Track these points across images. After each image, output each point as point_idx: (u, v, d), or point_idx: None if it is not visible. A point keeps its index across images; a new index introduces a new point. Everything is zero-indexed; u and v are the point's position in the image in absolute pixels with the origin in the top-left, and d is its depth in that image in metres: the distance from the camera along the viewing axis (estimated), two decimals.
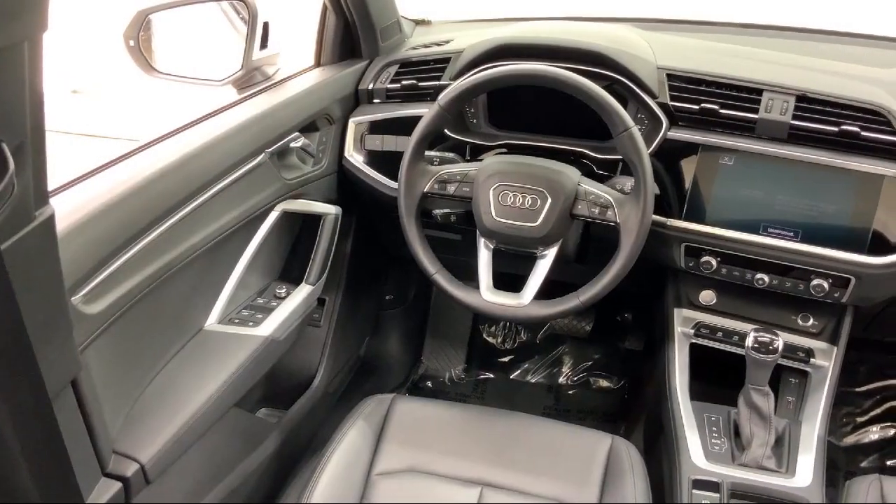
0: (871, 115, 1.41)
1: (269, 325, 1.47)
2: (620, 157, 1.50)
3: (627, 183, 1.45)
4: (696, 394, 1.60)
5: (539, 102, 1.61)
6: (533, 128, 1.63)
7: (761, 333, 1.44)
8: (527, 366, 2.46)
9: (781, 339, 1.43)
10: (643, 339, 2.35)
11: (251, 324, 1.47)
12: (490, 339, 2.52)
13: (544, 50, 1.54)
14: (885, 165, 1.39)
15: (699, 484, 1.37)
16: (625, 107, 1.50)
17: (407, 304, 2.34)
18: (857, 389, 2.27)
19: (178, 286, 1.31)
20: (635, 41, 1.62)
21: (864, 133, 1.40)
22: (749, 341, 1.44)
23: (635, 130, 1.31)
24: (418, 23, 2.00)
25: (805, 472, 1.39)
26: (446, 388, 2.41)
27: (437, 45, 1.78)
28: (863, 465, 2.15)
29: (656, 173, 1.50)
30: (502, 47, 1.55)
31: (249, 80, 1.65)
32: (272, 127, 1.49)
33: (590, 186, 1.38)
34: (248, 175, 1.42)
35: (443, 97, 1.39)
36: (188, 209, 1.26)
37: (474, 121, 1.67)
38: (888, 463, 2.15)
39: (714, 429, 1.50)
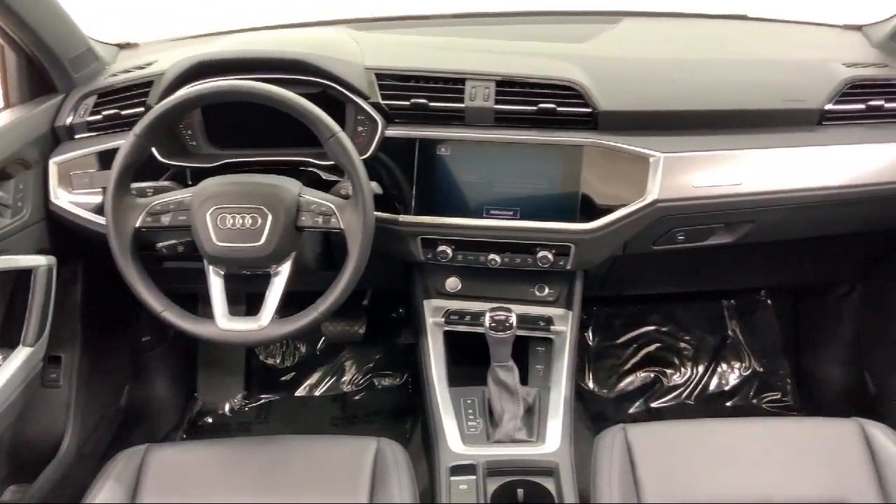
0: (564, 91, 1.49)
1: None
2: None
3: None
4: (460, 379, 1.65)
5: (259, 115, 1.56)
6: (257, 142, 1.58)
7: (496, 312, 1.49)
8: (311, 380, 2.42)
9: (514, 315, 1.49)
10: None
11: None
12: (269, 360, 2.45)
13: (247, 63, 1.49)
14: (583, 136, 1.48)
15: (456, 470, 1.40)
16: (343, 111, 1.51)
17: (169, 340, 2.22)
18: (617, 342, 2.44)
19: None
20: (344, 44, 1.62)
21: (560, 108, 1.48)
22: (486, 321, 1.49)
23: (342, 135, 1.31)
24: (123, 46, 1.88)
25: (553, 436, 1.46)
26: (227, 420, 2.31)
27: (140, 68, 1.68)
28: (630, 411, 2.32)
29: (385, 171, 1.52)
30: (202, 65, 1.49)
31: None
32: None
33: (311, 196, 1.36)
34: None
35: (137, 126, 1.31)
36: None
37: (193, 143, 1.59)
38: (652, 405, 2.34)
39: (470, 411, 1.54)
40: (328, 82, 1.49)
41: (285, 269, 1.37)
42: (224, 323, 1.35)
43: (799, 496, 1.30)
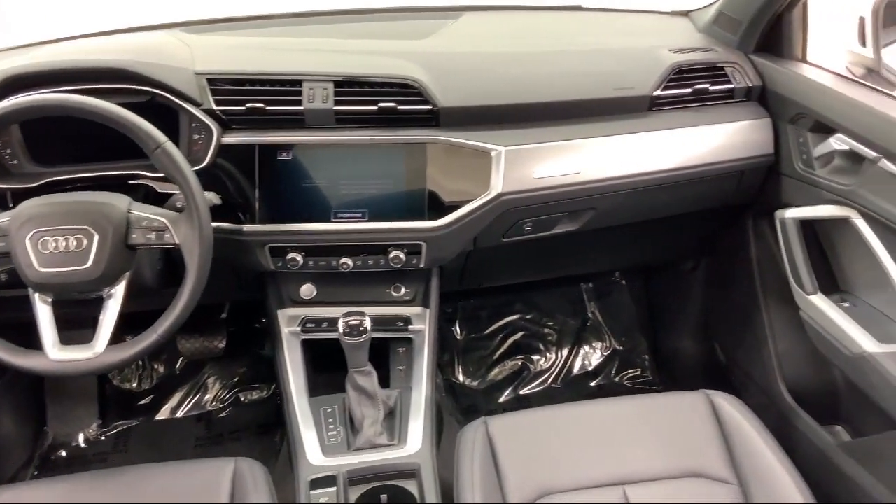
0: (404, 89, 1.48)
1: None
2: None
3: None
4: (323, 387, 1.62)
5: (85, 129, 1.46)
6: (85, 157, 1.48)
7: (350, 317, 1.46)
8: (171, 402, 2.31)
9: (369, 318, 1.47)
10: None
11: None
12: (124, 385, 2.32)
13: (65, 74, 1.40)
14: (425, 133, 1.48)
15: (316, 483, 1.37)
16: (177, 119, 1.44)
17: (10, 372, 2.06)
18: (483, 333, 2.46)
19: None
20: (171, 49, 1.54)
21: (400, 107, 1.47)
22: (340, 327, 1.46)
23: (168, 145, 1.24)
24: None
25: (415, 438, 1.46)
26: (83, 452, 2.17)
27: None
28: (500, 400, 2.35)
29: (227, 179, 1.46)
30: (14, 78, 1.37)
31: None
32: None
33: (141, 211, 1.28)
34: None
35: None
36: None
37: (14, 162, 1.47)
38: (521, 392, 2.38)
39: (330, 420, 1.51)
40: (155, 90, 1.42)
41: (119, 291, 1.29)
42: (55, 353, 1.26)
43: (657, 472, 1.35)
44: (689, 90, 1.62)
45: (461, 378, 2.38)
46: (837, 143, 1.49)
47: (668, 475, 1.35)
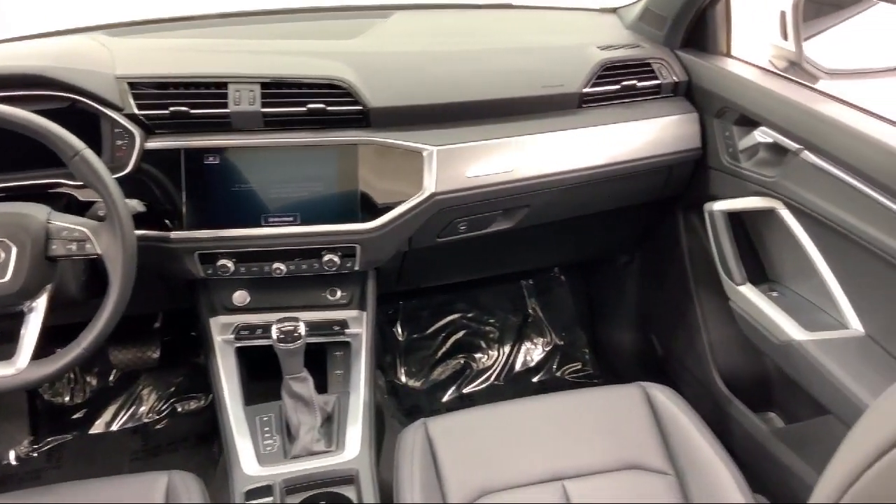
0: (332, 90, 1.46)
1: None
2: None
3: None
4: (260, 395, 1.59)
5: (2, 137, 1.41)
6: (3, 166, 1.42)
7: (284, 323, 1.44)
8: (106, 415, 2.24)
9: (303, 323, 1.45)
10: None
11: None
12: (56, 399, 2.24)
13: None
14: (355, 134, 1.46)
15: (252, 493, 1.35)
16: (98, 125, 1.39)
17: None
18: (425, 333, 2.46)
19: None
20: (91, 53, 1.49)
21: (329, 108, 1.45)
22: (274, 334, 1.44)
23: (86, 153, 1.21)
24: None
25: (353, 442, 1.44)
26: (14, 470, 2.09)
27: None
28: (443, 400, 2.34)
29: (154, 185, 1.42)
30: None
31: None
32: None
33: (61, 222, 1.24)
34: None
35: None
36: None
37: None
38: (464, 391, 2.38)
39: (266, 429, 1.49)
40: (74, 96, 1.37)
41: (41, 305, 1.25)
42: None
43: (595, 466, 1.36)
44: (618, 86, 1.64)
45: (404, 379, 2.37)
46: (761, 135, 1.53)
47: (606, 468, 1.36)
